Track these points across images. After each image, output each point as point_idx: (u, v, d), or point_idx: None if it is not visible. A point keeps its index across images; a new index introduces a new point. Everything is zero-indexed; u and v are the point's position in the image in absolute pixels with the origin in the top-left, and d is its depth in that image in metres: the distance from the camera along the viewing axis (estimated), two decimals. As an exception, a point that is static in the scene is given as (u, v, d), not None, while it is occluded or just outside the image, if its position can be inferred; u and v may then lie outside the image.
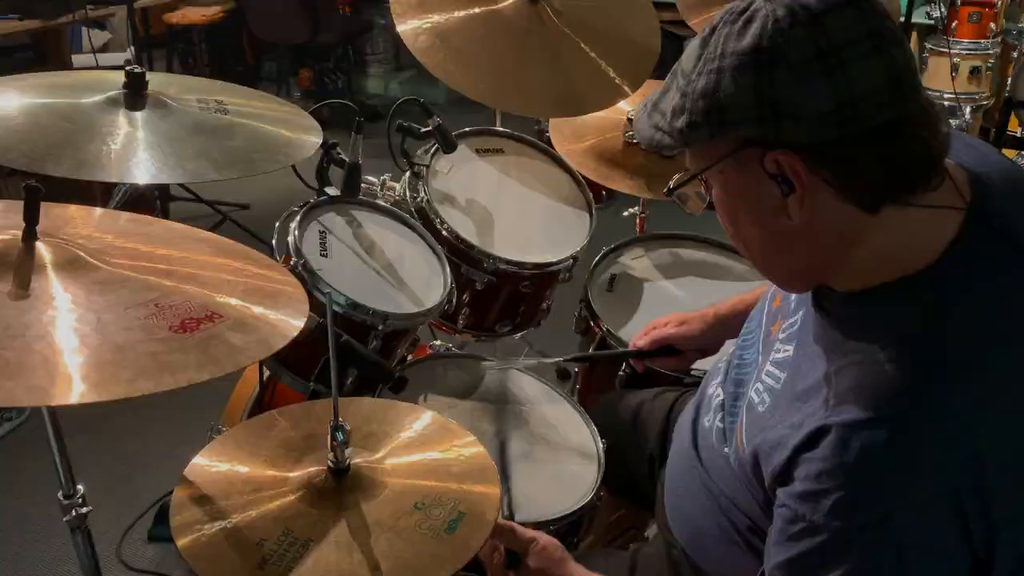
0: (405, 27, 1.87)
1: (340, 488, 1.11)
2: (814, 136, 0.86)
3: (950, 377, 0.87)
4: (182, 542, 1.04)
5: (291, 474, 1.14)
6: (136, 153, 1.32)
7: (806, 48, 0.85)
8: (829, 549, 0.91)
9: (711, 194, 1.01)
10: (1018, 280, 0.93)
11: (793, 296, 1.12)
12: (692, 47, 0.93)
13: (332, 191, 1.70)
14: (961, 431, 0.86)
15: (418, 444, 1.23)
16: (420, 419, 1.28)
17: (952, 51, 3.88)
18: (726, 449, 1.15)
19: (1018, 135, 3.84)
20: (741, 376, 1.18)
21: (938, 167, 0.91)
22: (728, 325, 1.55)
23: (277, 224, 1.57)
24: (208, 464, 1.16)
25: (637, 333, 1.69)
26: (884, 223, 0.91)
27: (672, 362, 1.64)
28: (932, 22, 4.21)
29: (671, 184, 1.02)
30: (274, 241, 1.55)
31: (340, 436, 1.10)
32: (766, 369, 1.09)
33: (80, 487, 1.19)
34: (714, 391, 1.26)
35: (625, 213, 2.39)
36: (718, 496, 1.17)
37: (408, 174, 1.85)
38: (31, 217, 1.03)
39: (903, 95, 0.87)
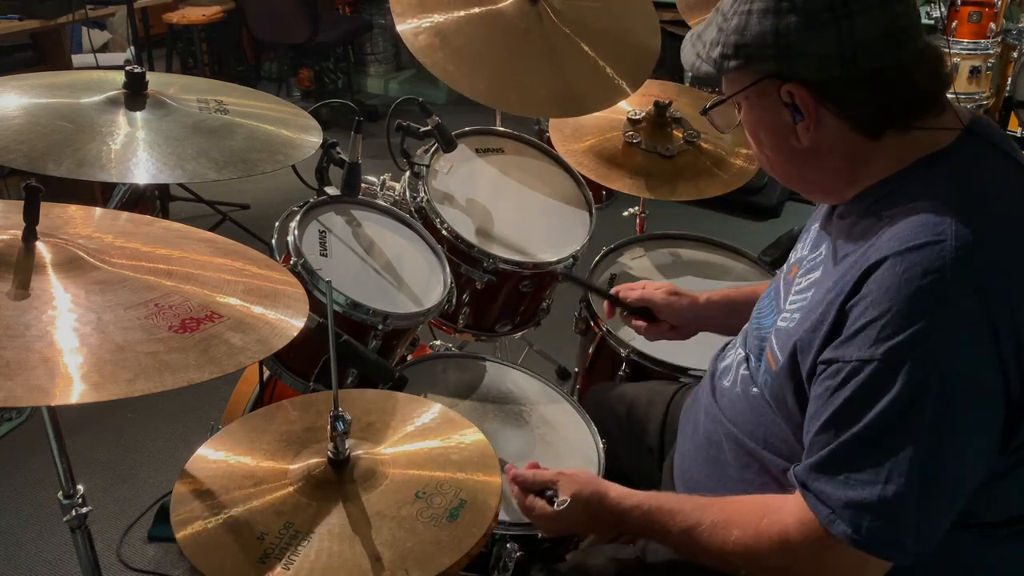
0: (405, 27, 1.87)
1: (340, 479, 1.11)
2: (822, 74, 1.02)
3: (976, 216, 0.98)
4: (182, 537, 1.04)
5: (291, 466, 1.14)
6: (136, 153, 1.32)
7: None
8: (874, 380, 0.96)
9: (741, 116, 1.16)
10: (1005, 165, 1.08)
11: (809, 247, 1.22)
12: None
13: (332, 191, 1.70)
14: (996, 259, 0.96)
15: (418, 433, 1.23)
16: (419, 409, 1.28)
17: (952, 51, 3.88)
18: (754, 389, 1.19)
19: (1018, 135, 3.84)
20: (762, 334, 1.22)
21: (933, 102, 1.06)
22: (712, 313, 1.59)
23: (277, 224, 1.58)
24: (209, 458, 1.17)
25: (637, 333, 1.69)
26: (887, 145, 1.06)
27: (643, 326, 1.65)
28: (932, 22, 4.21)
29: (707, 104, 1.20)
30: (274, 241, 1.55)
31: (340, 426, 1.10)
32: (789, 299, 1.17)
33: (80, 487, 1.18)
34: (731, 359, 1.30)
35: (625, 213, 2.39)
36: (751, 450, 1.19)
37: (408, 174, 1.85)
38: (31, 217, 1.03)
39: (900, 43, 1.01)
